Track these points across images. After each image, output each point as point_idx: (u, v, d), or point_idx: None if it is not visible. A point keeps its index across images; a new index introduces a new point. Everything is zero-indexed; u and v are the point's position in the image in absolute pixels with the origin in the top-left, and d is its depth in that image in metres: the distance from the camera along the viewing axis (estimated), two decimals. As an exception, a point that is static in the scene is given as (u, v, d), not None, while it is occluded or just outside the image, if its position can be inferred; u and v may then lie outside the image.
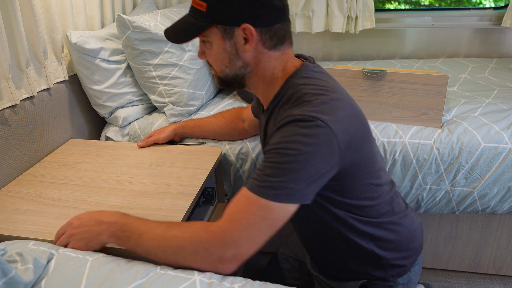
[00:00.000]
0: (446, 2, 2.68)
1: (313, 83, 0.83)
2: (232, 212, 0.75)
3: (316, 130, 0.73)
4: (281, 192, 0.73)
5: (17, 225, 0.95)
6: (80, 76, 1.44)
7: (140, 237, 0.77)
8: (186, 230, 0.75)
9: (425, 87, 1.32)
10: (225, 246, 0.73)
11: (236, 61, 0.85)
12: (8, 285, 0.66)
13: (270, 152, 0.76)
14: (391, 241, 0.92)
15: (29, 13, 1.19)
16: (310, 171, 0.74)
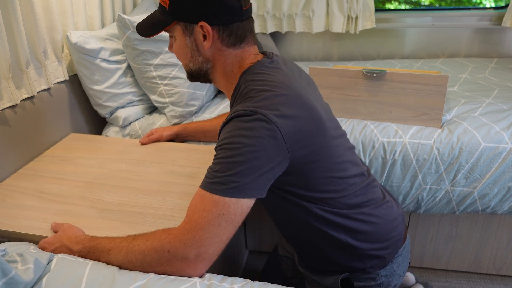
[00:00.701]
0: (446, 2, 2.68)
1: (261, 79, 0.85)
2: (190, 212, 0.76)
3: (257, 124, 0.76)
4: (230, 187, 0.74)
5: (18, 220, 0.95)
6: (80, 76, 1.44)
7: (109, 254, 0.78)
8: (148, 238, 0.77)
9: (425, 87, 1.32)
10: (187, 247, 0.73)
11: (197, 56, 0.90)
12: (8, 285, 0.66)
13: (218, 149, 0.79)
14: (364, 232, 0.93)
15: (29, 13, 1.19)
16: (255, 164, 0.75)
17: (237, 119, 0.78)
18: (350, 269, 0.96)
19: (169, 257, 0.74)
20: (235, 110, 0.80)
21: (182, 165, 1.20)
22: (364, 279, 0.97)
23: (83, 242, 0.83)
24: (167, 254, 0.74)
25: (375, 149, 1.34)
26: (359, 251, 0.93)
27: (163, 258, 0.74)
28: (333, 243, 0.93)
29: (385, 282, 0.97)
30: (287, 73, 0.90)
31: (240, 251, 1.65)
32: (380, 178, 1.37)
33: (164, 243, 0.74)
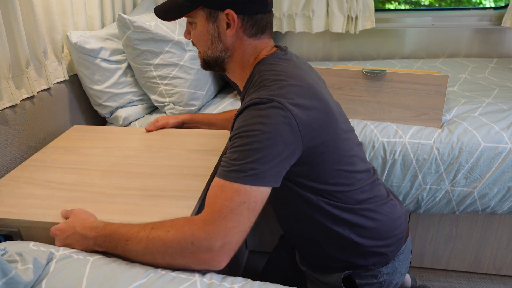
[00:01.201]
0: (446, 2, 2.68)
1: (274, 69, 0.86)
2: (211, 202, 0.75)
3: (272, 111, 0.76)
4: (249, 174, 0.74)
5: (27, 209, 0.93)
6: (81, 76, 1.44)
7: (126, 244, 0.77)
8: (169, 229, 0.75)
9: (425, 87, 1.32)
10: (212, 237, 0.72)
11: (218, 44, 0.91)
12: (8, 285, 0.66)
13: (234, 138, 0.79)
14: (368, 228, 0.93)
15: (29, 13, 1.19)
16: (272, 151, 0.75)
17: (253, 107, 0.78)
18: (352, 266, 0.96)
19: (193, 249, 0.72)
20: (250, 99, 0.80)
21: (191, 149, 1.18)
22: (366, 277, 0.97)
23: (97, 229, 0.80)
24: (191, 246, 0.72)
25: (375, 149, 1.34)
26: (362, 248, 0.93)
27: (187, 250, 0.72)
28: (336, 240, 0.93)
29: (386, 280, 0.97)
30: (300, 66, 0.91)
31: (240, 251, 1.65)
32: (380, 178, 1.37)
33: (187, 235, 0.72)
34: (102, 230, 0.80)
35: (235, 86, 1.65)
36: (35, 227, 0.90)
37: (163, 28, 1.45)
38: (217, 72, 0.99)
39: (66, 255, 0.78)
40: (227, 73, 0.98)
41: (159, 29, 1.43)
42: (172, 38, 1.45)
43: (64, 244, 0.83)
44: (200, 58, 0.97)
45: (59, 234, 0.83)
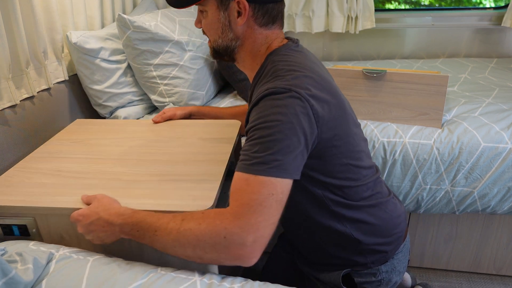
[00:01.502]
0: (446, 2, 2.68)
1: (288, 60, 0.86)
2: (238, 197, 0.73)
3: (291, 101, 0.76)
4: (273, 166, 0.73)
5: (42, 197, 0.89)
6: (80, 76, 1.44)
7: (155, 234, 0.75)
8: (201, 222, 0.73)
9: (425, 87, 1.32)
10: (244, 232, 0.70)
11: (228, 32, 0.90)
12: (8, 285, 0.66)
13: (252, 130, 0.77)
14: (370, 225, 0.93)
15: (29, 13, 1.19)
16: (294, 141, 0.75)
17: (270, 97, 0.77)
18: (351, 263, 0.96)
19: (226, 244, 0.70)
20: (266, 88, 0.79)
21: (203, 138, 1.15)
22: (365, 275, 0.97)
23: (124, 216, 0.78)
24: (224, 240, 0.70)
25: (375, 149, 1.34)
26: (363, 246, 0.93)
27: (219, 245, 0.71)
28: (337, 237, 0.94)
29: (385, 278, 0.97)
30: (311, 59, 0.92)
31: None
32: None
33: (220, 229, 0.71)
34: (129, 218, 0.78)
35: (235, 85, 1.65)
36: (52, 215, 0.87)
37: (163, 28, 1.45)
38: (227, 61, 0.98)
39: (66, 255, 0.78)
40: (236, 63, 0.97)
41: (159, 29, 1.43)
42: (172, 38, 1.45)
43: (87, 231, 0.81)
44: (210, 47, 0.96)
45: (82, 219, 0.81)
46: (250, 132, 0.78)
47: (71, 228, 0.87)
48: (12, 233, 0.89)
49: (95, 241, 0.81)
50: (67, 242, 0.89)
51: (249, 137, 0.78)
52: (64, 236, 0.89)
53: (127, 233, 0.78)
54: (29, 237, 0.89)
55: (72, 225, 0.86)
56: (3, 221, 0.88)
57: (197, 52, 1.55)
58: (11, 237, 0.89)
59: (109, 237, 0.80)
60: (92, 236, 0.81)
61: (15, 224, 0.88)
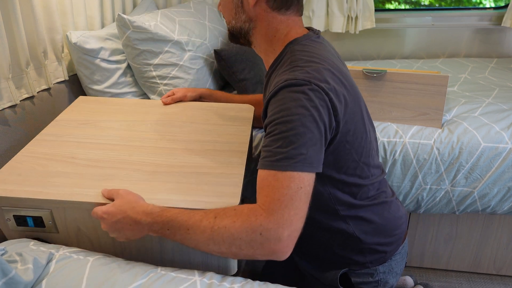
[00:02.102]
0: (446, 2, 2.68)
1: (307, 50, 0.85)
2: (268, 192, 0.72)
3: (311, 93, 0.75)
4: (298, 160, 0.72)
5: (60, 188, 0.86)
6: (80, 76, 1.44)
7: (187, 232, 0.74)
8: (235, 220, 0.72)
9: (425, 87, 1.32)
10: (279, 227, 0.69)
11: (241, 14, 0.91)
12: (8, 285, 0.65)
13: (272, 125, 0.76)
14: (373, 224, 0.93)
15: (29, 13, 1.19)
16: (316, 134, 0.74)
17: (289, 89, 0.76)
18: (350, 262, 0.96)
19: (262, 240, 0.70)
20: (285, 79, 0.78)
21: (217, 124, 1.12)
22: (363, 275, 0.97)
23: (152, 214, 0.76)
24: (260, 237, 0.70)
25: (375, 149, 1.34)
26: (363, 245, 0.93)
27: (255, 241, 0.70)
28: (339, 236, 0.94)
29: (382, 279, 0.98)
30: (331, 51, 0.91)
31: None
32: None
33: (255, 226, 0.70)
34: (158, 217, 0.76)
35: (235, 85, 1.65)
36: (71, 208, 0.84)
37: (162, 28, 1.45)
38: (243, 45, 0.98)
39: (66, 255, 0.78)
40: (253, 47, 0.97)
41: (159, 29, 1.43)
42: (171, 38, 1.45)
43: (113, 229, 0.79)
44: (227, 30, 0.97)
45: (107, 217, 0.78)
46: (270, 127, 0.77)
47: (90, 220, 0.85)
48: (26, 224, 0.86)
49: (120, 238, 0.80)
50: (84, 234, 0.87)
51: (269, 132, 0.77)
52: (81, 228, 0.87)
53: (156, 231, 0.76)
54: (43, 229, 0.87)
55: (90, 217, 0.84)
56: (18, 212, 0.85)
57: (197, 52, 1.55)
58: (25, 228, 0.87)
59: (135, 235, 0.79)
60: (118, 234, 0.79)
61: (30, 215, 0.85)
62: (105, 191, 0.84)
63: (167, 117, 1.18)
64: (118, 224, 0.78)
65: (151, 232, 0.77)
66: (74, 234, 0.88)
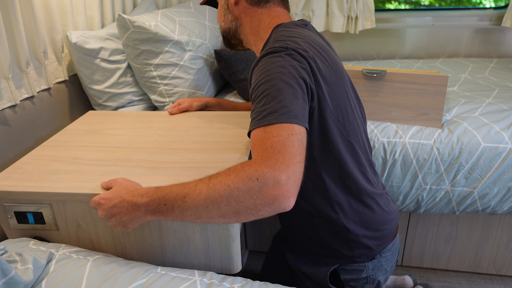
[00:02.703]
0: (446, 2, 2.68)
1: (292, 30, 0.90)
2: (260, 145, 0.71)
3: (289, 57, 0.80)
4: (283, 112, 0.73)
5: (61, 183, 0.87)
6: (80, 76, 1.44)
7: (184, 201, 0.71)
8: (229, 173, 0.70)
9: (425, 87, 1.32)
10: (275, 170, 0.67)
11: (228, 15, 1.02)
12: (8, 285, 0.65)
13: (256, 88, 0.80)
14: (361, 215, 0.94)
15: (29, 13, 1.19)
16: (296, 88, 0.77)
17: (268, 56, 0.81)
18: (338, 256, 0.97)
19: (260, 186, 0.66)
20: (265, 50, 0.83)
21: (222, 128, 1.15)
22: (352, 272, 0.97)
23: (148, 194, 0.75)
24: (257, 182, 0.67)
25: (375, 149, 1.34)
26: (351, 236, 0.94)
27: (253, 189, 0.67)
28: (328, 225, 0.94)
29: (371, 276, 0.98)
30: (319, 38, 0.97)
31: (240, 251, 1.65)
32: (380, 178, 1.37)
33: (251, 172, 0.67)
34: (154, 194, 0.74)
35: (235, 85, 1.65)
36: (70, 201, 0.85)
37: (163, 28, 1.45)
38: (237, 46, 1.06)
39: (66, 255, 0.78)
40: (245, 45, 1.05)
41: (159, 29, 1.43)
42: (172, 38, 1.45)
43: (109, 214, 0.78)
44: (222, 37, 1.07)
45: (104, 203, 0.78)
46: (255, 90, 0.80)
47: (89, 214, 0.85)
48: (26, 221, 0.87)
49: (117, 226, 0.79)
50: (84, 231, 0.88)
51: (254, 95, 0.79)
52: (81, 223, 0.87)
53: (153, 211, 0.74)
54: (44, 226, 0.88)
55: (90, 212, 0.85)
56: (19, 208, 0.86)
57: (197, 52, 1.55)
58: (26, 226, 0.88)
59: (132, 220, 0.77)
60: (115, 220, 0.78)
61: (30, 211, 0.86)
62: (103, 182, 0.85)
63: (172, 124, 1.21)
64: (114, 208, 0.77)
65: (148, 214, 0.75)
66: (74, 232, 0.88)
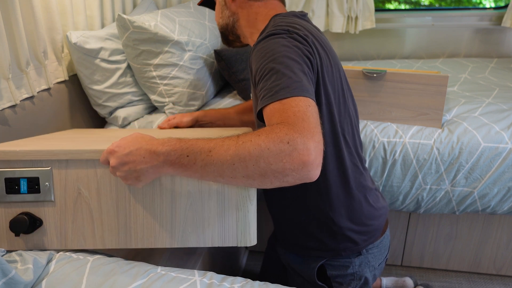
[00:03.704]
0: (446, 2, 2.68)
1: (289, 20, 0.91)
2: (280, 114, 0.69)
3: (290, 37, 0.81)
4: (295, 87, 0.72)
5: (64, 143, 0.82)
6: (80, 76, 1.44)
7: (209, 155, 0.66)
8: (259, 133, 0.66)
9: (425, 87, 1.32)
10: (304, 137, 0.65)
11: (225, 11, 1.04)
12: (8, 285, 0.66)
13: (260, 69, 0.78)
14: (347, 207, 0.95)
15: (29, 13, 1.19)
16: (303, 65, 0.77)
17: (269, 37, 0.81)
18: (324, 247, 0.98)
19: (290, 150, 0.64)
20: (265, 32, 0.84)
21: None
22: (338, 267, 0.98)
23: (170, 143, 0.69)
24: (288, 146, 0.64)
25: (375, 149, 1.34)
26: (335, 227, 0.95)
27: (284, 152, 0.64)
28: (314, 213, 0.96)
29: (358, 272, 0.99)
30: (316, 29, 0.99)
31: (240, 251, 1.65)
32: (380, 178, 1.37)
33: (282, 135, 0.65)
34: (177, 144, 0.69)
35: (235, 85, 1.65)
36: (74, 161, 0.77)
37: (162, 28, 1.45)
38: (235, 43, 1.08)
39: (66, 255, 0.79)
40: (242, 40, 1.07)
41: (159, 29, 1.43)
42: (172, 38, 1.45)
43: (122, 162, 0.70)
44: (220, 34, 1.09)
45: (118, 150, 0.71)
46: (259, 72, 0.78)
47: (94, 179, 0.78)
48: (17, 190, 0.77)
49: (128, 178, 0.72)
50: (84, 200, 0.79)
51: (260, 76, 0.77)
52: (82, 191, 0.79)
53: (173, 162, 0.68)
54: (37, 196, 0.78)
55: (96, 175, 0.77)
56: (12, 173, 0.76)
57: (197, 52, 1.55)
58: (15, 197, 0.78)
59: (148, 171, 0.70)
60: (127, 169, 0.70)
61: (24, 177, 0.77)
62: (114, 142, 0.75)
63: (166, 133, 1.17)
64: (129, 156, 0.70)
65: (166, 164, 0.69)
66: (71, 203, 0.79)
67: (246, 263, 1.73)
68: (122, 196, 0.79)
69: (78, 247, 0.80)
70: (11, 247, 0.79)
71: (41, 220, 0.79)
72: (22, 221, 0.76)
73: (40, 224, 0.79)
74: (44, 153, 0.76)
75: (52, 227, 0.80)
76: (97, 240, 0.80)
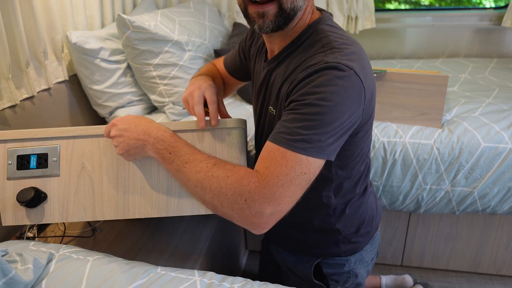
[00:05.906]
0: (446, 2, 2.68)
1: (338, 32, 0.80)
2: (270, 166, 0.70)
3: (351, 82, 0.71)
4: (315, 146, 0.70)
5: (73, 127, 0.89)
6: (80, 76, 1.44)
7: (184, 165, 0.74)
8: (230, 175, 0.71)
9: (425, 87, 1.32)
10: (266, 202, 0.68)
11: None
12: (8, 285, 0.66)
13: (300, 104, 0.71)
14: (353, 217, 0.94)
15: (29, 13, 1.19)
16: (341, 124, 0.72)
17: (330, 72, 0.71)
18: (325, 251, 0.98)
19: (244, 207, 0.68)
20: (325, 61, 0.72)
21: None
22: (335, 266, 0.98)
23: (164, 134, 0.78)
24: (244, 203, 0.68)
25: (375, 149, 1.34)
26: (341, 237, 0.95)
27: (237, 205, 0.69)
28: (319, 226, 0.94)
29: (353, 269, 0.99)
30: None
31: (240, 251, 1.65)
32: (380, 178, 1.37)
33: (244, 191, 0.68)
34: (169, 138, 0.78)
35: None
36: (81, 137, 0.86)
37: (162, 28, 1.45)
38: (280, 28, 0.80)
39: (66, 255, 0.79)
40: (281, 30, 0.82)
41: (159, 29, 1.43)
42: (171, 38, 1.45)
43: (119, 134, 0.80)
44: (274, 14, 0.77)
45: (119, 124, 0.81)
46: (298, 105, 0.72)
47: (97, 152, 0.86)
48: (27, 166, 0.86)
49: (120, 148, 0.80)
50: (87, 174, 0.86)
51: (295, 109, 0.72)
52: (85, 164, 0.87)
53: (158, 150, 0.77)
54: (45, 171, 0.86)
55: (99, 150, 0.86)
56: (23, 151, 0.86)
57: (196, 52, 1.55)
58: (24, 174, 0.86)
59: (137, 147, 0.79)
60: (122, 141, 0.80)
61: (34, 153, 0.86)
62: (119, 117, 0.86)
63: None
64: (126, 131, 0.79)
65: (153, 149, 0.78)
66: (75, 177, 0.86)
67: (246, 263, 1.73)
68: (122, 168, 0.87)
69: (78, 220, 0.86)
70: (16, 221, 0.85)
71: (45, 194, 0.86)
72: (28, 191, 0.84)
73: (45, 198, 0.86)
74: (54, 131, 0.86)
75: (55, 200, 0.86)
76: (97, 212, 0.86)
